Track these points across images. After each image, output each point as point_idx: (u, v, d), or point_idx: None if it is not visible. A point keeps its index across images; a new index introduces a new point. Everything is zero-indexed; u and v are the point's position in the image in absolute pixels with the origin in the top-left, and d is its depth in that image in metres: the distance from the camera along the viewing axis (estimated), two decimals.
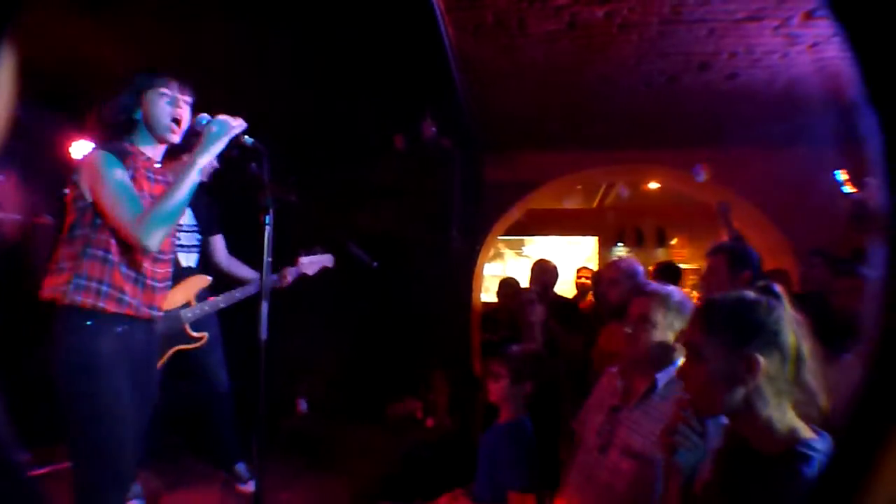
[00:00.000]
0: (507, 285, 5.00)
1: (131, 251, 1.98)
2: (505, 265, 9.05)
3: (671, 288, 2.00)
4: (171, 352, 3.04)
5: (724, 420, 1.39)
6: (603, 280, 2.99)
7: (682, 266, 8.51)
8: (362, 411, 4.73)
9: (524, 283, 4.81)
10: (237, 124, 2.00)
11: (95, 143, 2.07)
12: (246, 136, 2.00)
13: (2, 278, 4.10)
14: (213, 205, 3.45)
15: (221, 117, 2.00)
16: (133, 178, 1.99)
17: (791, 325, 1.26)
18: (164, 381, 3.06)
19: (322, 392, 4.80)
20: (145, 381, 2.11)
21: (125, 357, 1.97)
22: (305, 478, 3.66)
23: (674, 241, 9.22)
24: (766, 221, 5.23)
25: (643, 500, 1.72)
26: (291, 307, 3.36)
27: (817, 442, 1.19)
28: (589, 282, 5.89)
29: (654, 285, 2.04)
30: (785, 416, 1.23)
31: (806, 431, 1.22)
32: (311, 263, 3.44)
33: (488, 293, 6.47)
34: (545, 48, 3.49)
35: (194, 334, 3.12)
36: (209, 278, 3.23)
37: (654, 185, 7.47)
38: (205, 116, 2.04)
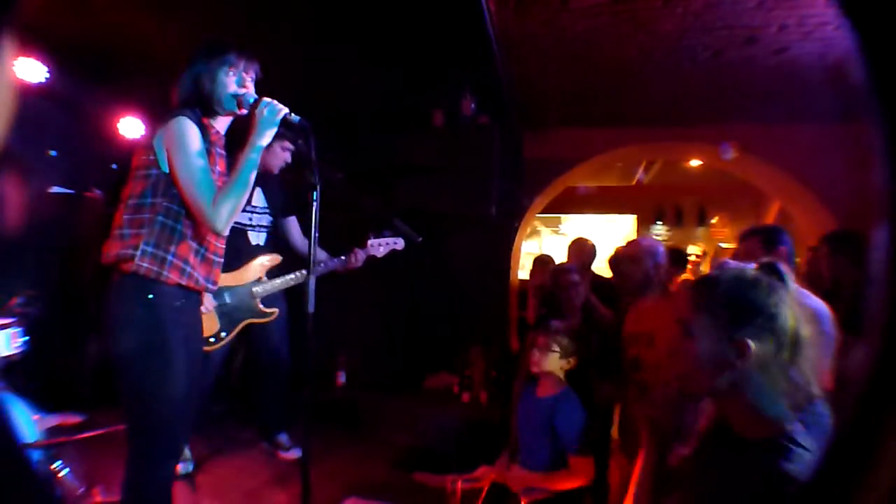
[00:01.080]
0: (542, 262, 4.98)
1: (199, 225, 2.02)
2: (541, 243, 9.00)
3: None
4: (242, 324, 3.19)
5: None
6: (623, 259, 2.96)
7: (724, 246, 8.41)
8: (400, 385, 4.82)
9: (560, 261, 4.79)
10: (282, 106, 2.02)
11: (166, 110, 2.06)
12: (292, 114, 2.03)
13: (53, 251, 4.27)
14: (284, 188, 3.53)
15: (268, 100, 2.03)
16: (208, 152, 2.03)
17: (792, 309, 1.18)
18: (229, 350, 3.23)
19: (361, 365, 4.90)
20: (196, 352, 2.17)
21: (182, 329, 2.03)
22: (343, 448, 3.76)
23: (714, 220, 9.02)
24: (814, 199, 5.08)
25: None
26: (331, 281, 3.43)
27: (801, 435, 1.12)
28: None
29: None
30: (772, 403, 1.16)
31: (791, 422, 1.14)
32: (381, 246, 3.48)
33: (524, 270, 6.46)
34: (587, 23, 3.43)
35: (265, 309, 3.27)
36: (280, 257, 3.35)
37: (695, 163, 7.30)
38: (251, 94, 2.08)
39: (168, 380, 1.97)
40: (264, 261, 3.31)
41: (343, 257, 3.40)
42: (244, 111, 2.09)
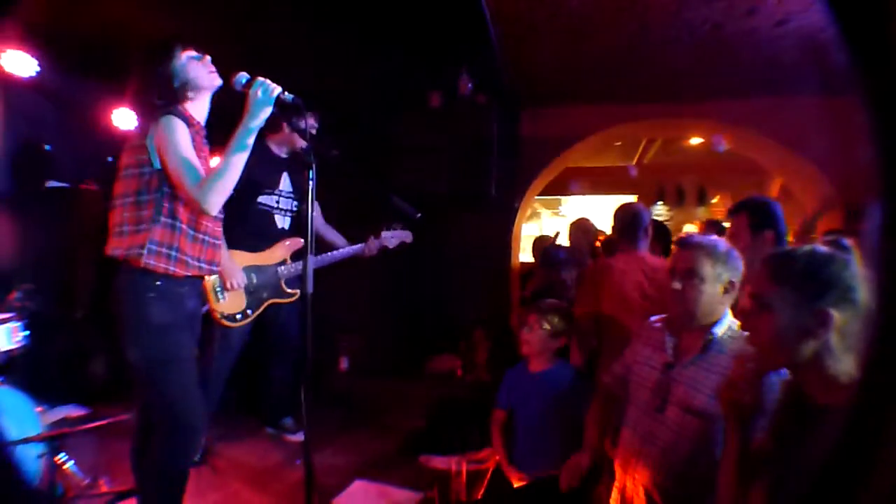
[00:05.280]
0: (542, 242, 4.96)
1: (191, 210, 2.10)
2: (541, 225, 8.96)
3: (715, 239, 1.93)
4: (267, 303, 3.32)
5: (783, 376, 1.38)
6: None
7: (726, 225, 8.33)
8: (403, 369, 4.82)
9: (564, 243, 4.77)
10: (276, 85, 2.02)
11: (146, 111, 2.16)
12: (286, 93, 2.00)
13: (51, 244, 4.26)
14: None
15: (261, 79, 2.02)
16: (193, 141, 2.10)
17: (863, 281, 1.24)
18: (249, 336, 3.37)
19: (363, 350, 4.89)
20: (195, 333, 2.28)
21: (184, 313, 2.15)
22: (348, 432, 3.77)
23: (715, 200, 8.97)
24: (818, 175, 5.02)
25: (705, 457, 1.70)
26: (331, 266, 3.44)
27: None
28: None
29: (698, 237, 1.97)
30: (851, 369, 1.21)
31: None
32: (392, 238, 3.62)
33: (525, 253, 6.44)
34: None
35: (289, 290, 3.40)
36: (303, 241, 3.37)
37: (695, 141, 7.23)
38: (243, 75, 2.05)
39: (178, 360, 2.11)
40: (289, 244, 3.43)
41: (360, 245, 3.54)
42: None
